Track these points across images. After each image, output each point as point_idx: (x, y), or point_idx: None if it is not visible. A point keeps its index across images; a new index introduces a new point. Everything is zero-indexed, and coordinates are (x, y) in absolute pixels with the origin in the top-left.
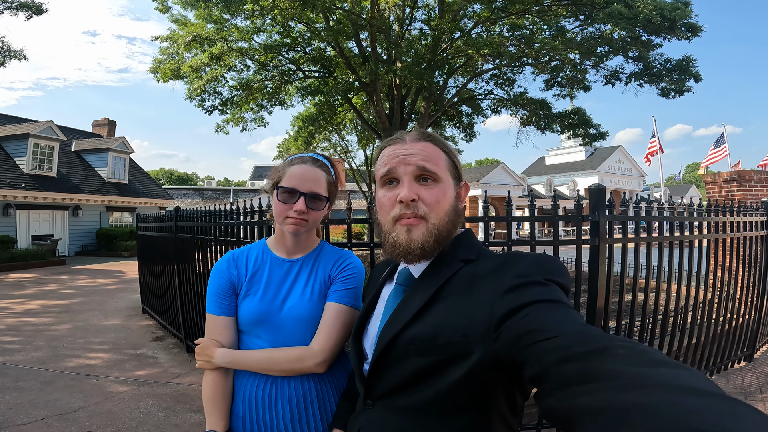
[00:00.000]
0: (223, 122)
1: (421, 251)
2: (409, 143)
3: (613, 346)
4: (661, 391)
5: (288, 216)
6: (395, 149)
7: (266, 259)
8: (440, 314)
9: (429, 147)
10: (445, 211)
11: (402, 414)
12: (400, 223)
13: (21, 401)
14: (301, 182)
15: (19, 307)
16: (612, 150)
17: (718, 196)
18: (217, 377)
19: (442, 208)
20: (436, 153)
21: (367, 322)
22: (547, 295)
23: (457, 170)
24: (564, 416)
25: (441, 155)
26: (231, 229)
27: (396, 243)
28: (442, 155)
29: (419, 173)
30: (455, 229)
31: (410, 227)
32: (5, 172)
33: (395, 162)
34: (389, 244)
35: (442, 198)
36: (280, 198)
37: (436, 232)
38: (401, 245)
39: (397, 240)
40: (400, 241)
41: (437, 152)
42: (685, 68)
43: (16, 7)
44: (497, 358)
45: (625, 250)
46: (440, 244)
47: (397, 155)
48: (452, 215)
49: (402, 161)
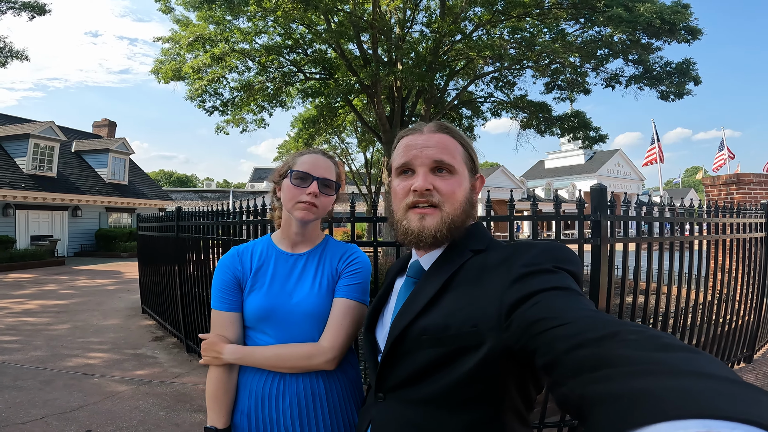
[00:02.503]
0: (224, 123)
1: (432, 239)
2: (426, 134)
3: (625, 331)
4: (672, 376)
5: (300, 201)
6: (412, 140)
7: (271, 254)
8: (450, 305)
9: (446, 139)
10: (459, 202)
11: (413, 406)
12: (413, 211)
13: (20, 400)
14: (313, 168)
15: (18, 307)
16: (611, 153)
17: (718, 199)
18: (222, 373)
19: (456, 198)
20: (453, 145)
21: (380, 315)
22: (556, 282)
23: (473, 162)
24: (577, 404)
25: (458, 147)
26: (233, 228)
27: (408, 230)
28: (459, 147)
29: (435, 165)
30: (468, 220)
31: (424, 215)
32: (5, 172)
33: (412, 153)
34: (401, 231)
35: (458, 189)
36: (294, 182)
37: (450, 222)
38: (413, 232)
39: (409, 227)
40: (412, 228)
41: (454, 144)
42: (685, 71)
43: (19, 8)
44: (508, 347)
45: (626, 252)
46: (452, 233)
47: (415, 146)
48: (466, 206)
49: (419, 152)
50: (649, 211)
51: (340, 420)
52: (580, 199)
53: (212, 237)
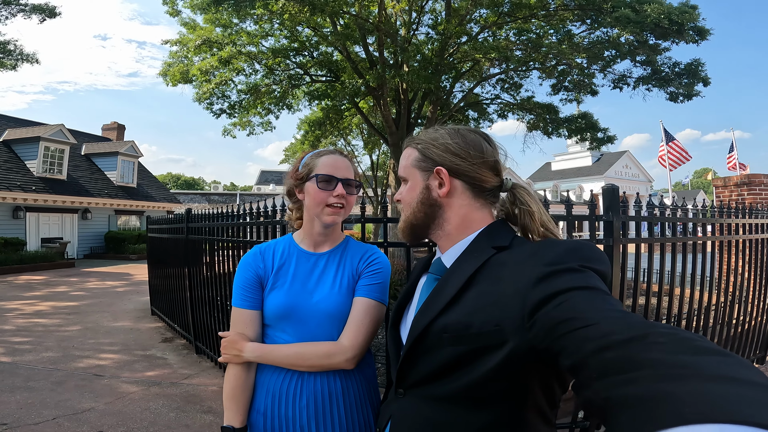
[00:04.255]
0: (231, 125)
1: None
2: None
3: (654, 333)
4: (699, 380)
5: (328, 204)
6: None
7: (293, 252)
8: (472, 302)
9: (406, 152)
10: (408, 205)
11: (433, 403)
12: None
13: (32, 401)
14: (335, 170)
15: (29, 309)
16: (619, 155)
17: (729, 200)
18: (241, 372)
19: (406, 203)
20: (406, 157)
21: (405, 311)
22: (582, 282)
23: (428, 160)
24: (601, 406)
25: (411, 155)
26: (243, 230)
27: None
28: (413, 155)
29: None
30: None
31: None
32: (16, 174)
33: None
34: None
35: (407, 195)
36: (320, 186)
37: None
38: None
39: None
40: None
41: (408, 154)
42: (694, 72)
43: (29, 10)
44: (533, 348)
45: (638, 253)
46: (415, 231)
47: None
48: (419, 207)
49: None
50: (662, 212)
51: (356, 419)
52: (592, 199)
53: (222, 239)
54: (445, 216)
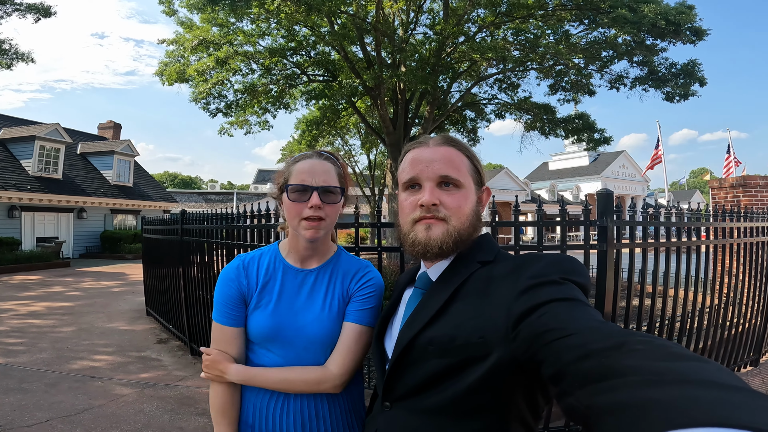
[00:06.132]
0: (227, 125)
1: (438, 250)
2: (432, 148)
3: (631, 341)
4: (680, 385)
5: (303, 217)
6: (418, 153)
7: (278, 267)
8: (458, 316)
9: (452, 152)
10: (466, 216)
11: (419, 416)
12: (419, 222)
13: (26, 403)
14: (310, 176)
15: (24, 309)
16: (616, 155)
17: (724, 202)
18: (226, 388)
19: (463, 212)
20: (459, 158)
21: (390, 324)
22: (563, 293)
23: (479, 175)
24: (584, 414)
25: (464, 160)
26: (239, 232)
27: (415, 241)
28: (465, 160)
29: (441, 180)
30: (475, 233)
31: (429, 225)
32: (11, 174)
33: (419, 168)
34: (409, 244)
35: (464, 203)
36: (291, 197)
37: (456, 235)
38: (420, 243)
39: (416, 238)
40: (419, 239)
41: (460, 157)
42: (690, 72)
43: (24, 10)
44: (516, 358)
45: (632, 257)
46: (458, 246)
47: (421, 160)
48: (473, 219)
49: (425, 167)
50: (656, 216)
51: None
52: (586, 203)
53: (217, 241)
54: (475, 234)
